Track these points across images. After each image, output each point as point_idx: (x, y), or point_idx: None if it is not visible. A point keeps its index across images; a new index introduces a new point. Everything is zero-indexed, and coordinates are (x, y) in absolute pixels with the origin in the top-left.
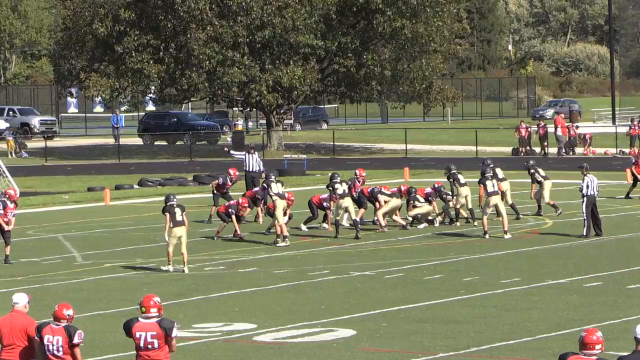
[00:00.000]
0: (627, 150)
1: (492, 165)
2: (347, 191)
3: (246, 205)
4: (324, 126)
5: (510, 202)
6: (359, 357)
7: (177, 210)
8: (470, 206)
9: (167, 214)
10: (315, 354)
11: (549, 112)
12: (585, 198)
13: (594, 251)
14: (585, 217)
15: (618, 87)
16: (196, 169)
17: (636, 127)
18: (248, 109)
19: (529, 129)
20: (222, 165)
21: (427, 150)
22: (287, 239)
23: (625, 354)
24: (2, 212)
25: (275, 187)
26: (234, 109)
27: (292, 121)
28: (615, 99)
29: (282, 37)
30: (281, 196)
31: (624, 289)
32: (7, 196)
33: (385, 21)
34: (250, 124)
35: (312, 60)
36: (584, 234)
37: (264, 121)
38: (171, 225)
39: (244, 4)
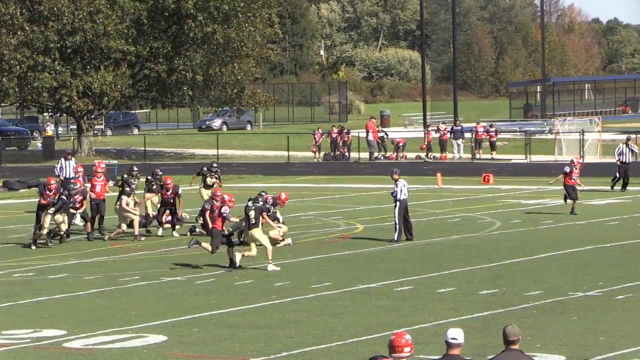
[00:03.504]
0: (438, 155)
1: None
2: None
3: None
4: (135, 131)
5: None
6: None
7: (251, 213)
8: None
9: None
10: (126, 359)
11: (217, 122)
12: (397, 203)
13: (405, 255)
14: (396, 222)
15: (429, 92)
16: (6, 175)
17: (446, 132)
18: (58, 114)
19: (322, 135)
20: (32, 170)
21: (239, 155)
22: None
23: (436, 357)
24: None
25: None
26: (44, 114)
27: (103, 126)
28: (427, 104)
29: (93, 42)
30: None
31: (434, 293)
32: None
33: (196, 26)
34: (60, 129)
35: (123, 66)
36: (395, 238)
37: (75, 126)
38: (248, 228)
39: (55, 9)
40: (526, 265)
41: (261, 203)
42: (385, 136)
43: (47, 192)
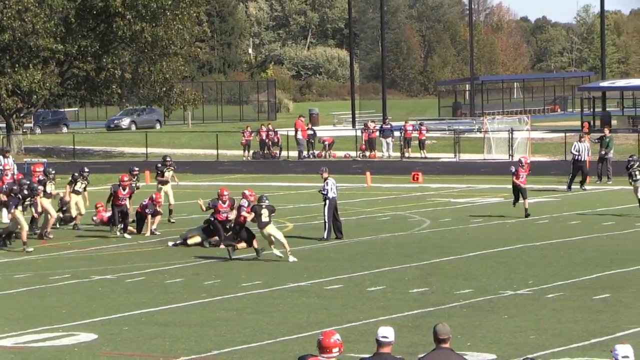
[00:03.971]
0: (367, 154)
1: None
2: None
3: None
4: (64, 130)
5: None
6: None
7: (264, 211)
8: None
9: (253, 213)
10: (57, 358)
11: (125, 122)
12: (327, 201)
13: (335, 254)
14: (326, 220)
15: (358, 90)
16: None
17: (375, 131)
18: None
19: (252, 133)
20: None
21: (168, 154)
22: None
23: (366, 355)
24: None
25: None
26: None
27: (32, 125)
28: (356, 103)
29: (21, 40)
30: None
31: (364, 291)
32: None
33: (125, 25)
34: None
35: (52, 64)
36: (325, 236)
37: (4, 125)
38: (260, 226)
39: None
40: (456, 263)
41: (267, 202)
42: (313, 134)
43: None
